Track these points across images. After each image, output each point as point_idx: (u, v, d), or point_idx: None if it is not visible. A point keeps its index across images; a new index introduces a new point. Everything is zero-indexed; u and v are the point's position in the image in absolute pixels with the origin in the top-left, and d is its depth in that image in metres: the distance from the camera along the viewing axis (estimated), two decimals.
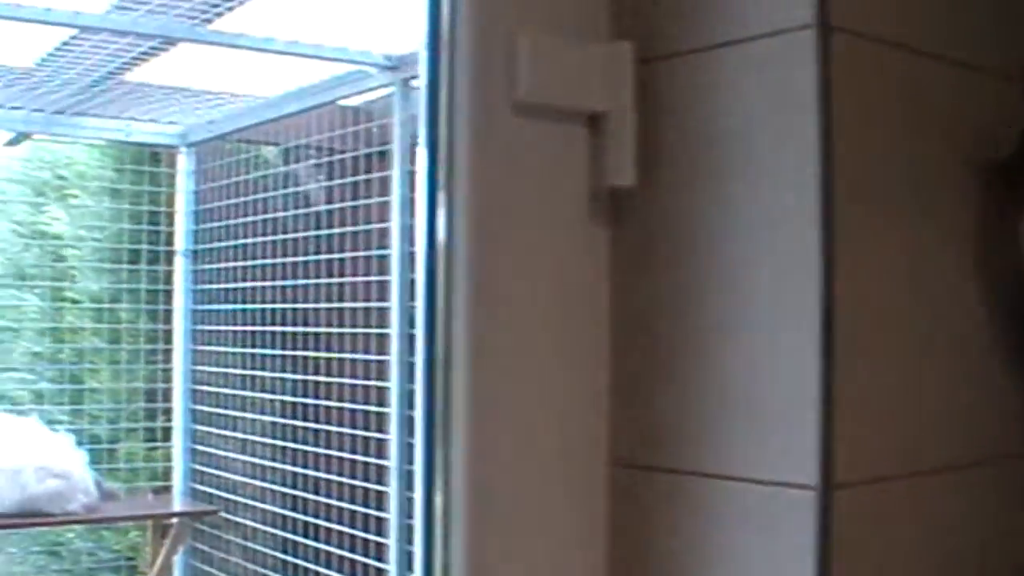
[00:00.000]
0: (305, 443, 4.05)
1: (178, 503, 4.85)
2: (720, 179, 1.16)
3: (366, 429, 3.70)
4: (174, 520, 4.65)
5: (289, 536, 4.13)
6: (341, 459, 3.84)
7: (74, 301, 6.09)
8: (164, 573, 4.71)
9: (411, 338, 3.50)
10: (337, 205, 3.94)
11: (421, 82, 1.29)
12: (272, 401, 4.28)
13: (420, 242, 1.34)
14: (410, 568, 3.50)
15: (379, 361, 3.67)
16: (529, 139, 1.23)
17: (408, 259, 3.51)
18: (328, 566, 3.90)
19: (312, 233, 4.07)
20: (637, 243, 1.24)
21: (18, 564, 7.27)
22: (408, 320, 3.51)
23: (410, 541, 3.50)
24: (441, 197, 1.24)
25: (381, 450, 3.63)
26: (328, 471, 3.91)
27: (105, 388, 5.19)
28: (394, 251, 3.53)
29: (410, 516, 3.50)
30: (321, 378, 3.97)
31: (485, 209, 1.22)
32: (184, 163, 4.89)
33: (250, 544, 4.43)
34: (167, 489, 4.96)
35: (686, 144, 1.20)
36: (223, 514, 4.60)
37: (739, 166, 1.15)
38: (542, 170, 1.24)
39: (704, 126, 1.18)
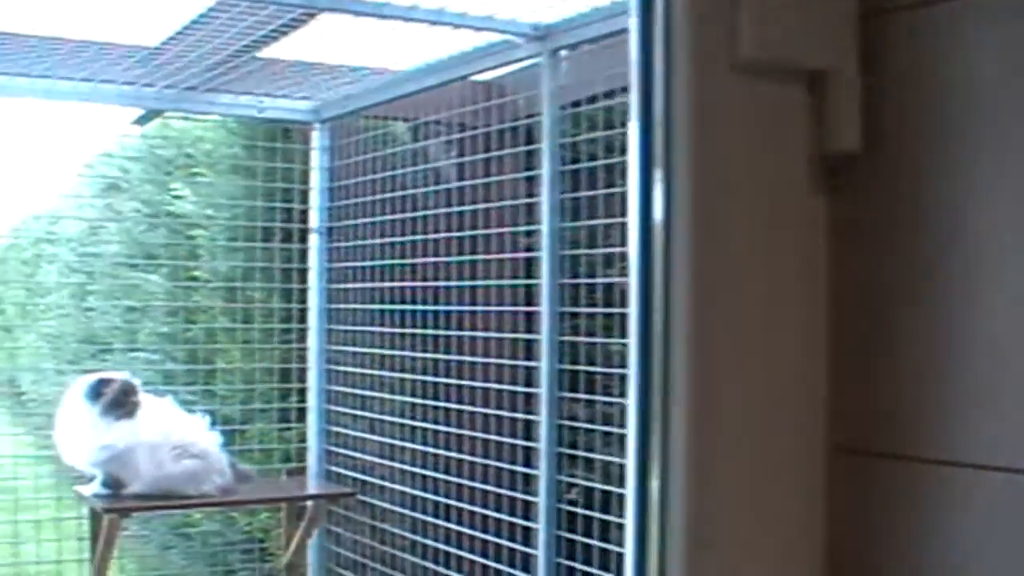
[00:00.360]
0: (444, 424, 4.04)
1: (313, 485, 4.89)
2: (956, 144, 1.11)
3: (512, 409, 3.68)
4: (309, 503, 4.70)
5: (428, 519, 4.14)
6: (486, 441, 3.82)
7: (205, 281, 6.17)
8: (299, 555, 4.76)
9: (562, 316, 3.48)
10: (481, 180, 3.92)
11: (632, 47, 1.25)
12: (408, 381, 4.28)
13: (633, 219, 1.31)
14: (559, 552, 3.48)
15: (527, 340, 3.65)
16: (750, 101, 1.19)
17: (558, 235, 3.48)
18: (471, 550, 3.90)
19: (454, 209, 4.06)
20: (859, 213, 1.20)
21: (144, 543, 7.42)
22: (558, 298, 3.48)
23: (559, 525, 3.48)
24: (657, 173, 1.21)
25: (528, 431, 3.60)
26: (470, 452, 3.90)
27: (237, 369, 5.26)
28: (544, 227, 3.50)
29: (559, 499, 3.49)
30: (462, 357, 3.96)
31: (705, 182, 1.19)
32: (317, 139, 4.92)
33: (385, 526, 4.45)
34: (301, 470, 5.01)
35: (917, 106, 1.15)
36: (358, 497, 4.62)
37: (978, 130, 1.10)
38: (763, 135, 1.21)
39: (938, 86, 1.13)
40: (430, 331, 4.15)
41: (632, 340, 1.54)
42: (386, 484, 4.46)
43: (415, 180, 4.30)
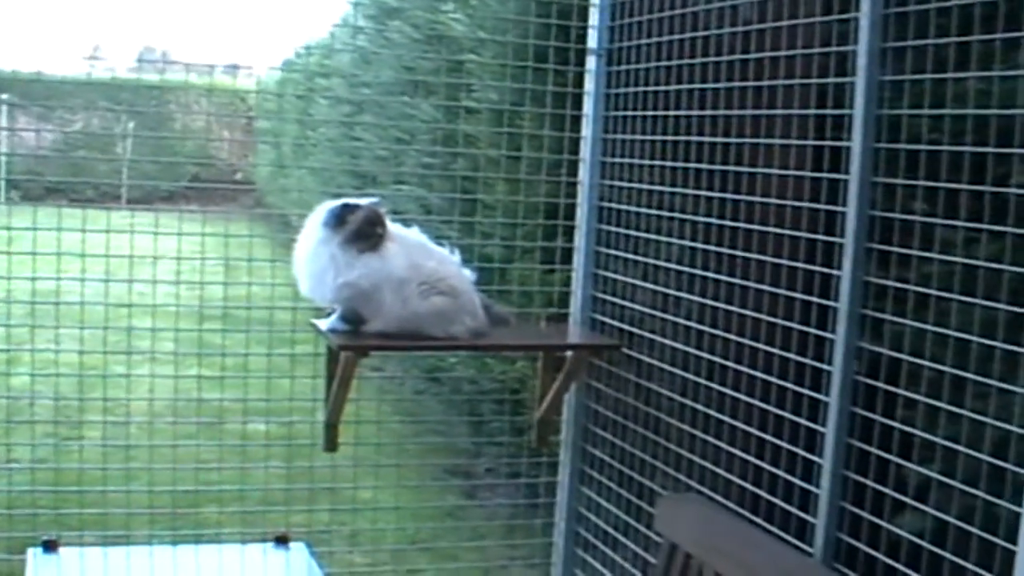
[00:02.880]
0: (727, 274, 3.64)
1: (574, 334, 4.59)
2: None
3: (809, 261, 3.24)
4: (568, 353, 4.40)
5: (700, 380, 3.77)
6: (773, 295, 3.39)
7: (468, 110, 5.92)
8: (553, 410, 4.49)
9: (876, 152, 3.00)
10: None
11: None
12: (688, 223, 3.88)
13: None
14: (851, 433, 3.06)
15: (831, 181, 3.18)
16: None
17: (878, 57, 2.99)
18: (747, 420, 3.51)
19: (750, 28, 3.58)
20: None
21: (399, 385, 7.39)
22: (873, 131, 3.00)
23: (855, 401, 3.06)
24: None
25: (826, 287, 3.16)
26: (754, 308, 3.49)
27: (500, 202, 4.96)
28: (862, 47, 3.00)
29: (857, 371, 3.05)
30: (751, 198, 3.52)
31: None
32: None
33: (651, 385, 4.11)
34: (563, 317, 4.71)
35: None
36: (624, 350, 4.29)
37: None
38: None
39: None
40: (717, 167, 3.71)
41: None
42: (655, 338, 4.10)
43: None
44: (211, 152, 20.47)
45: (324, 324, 4.05)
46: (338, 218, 3.95)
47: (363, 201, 4.03)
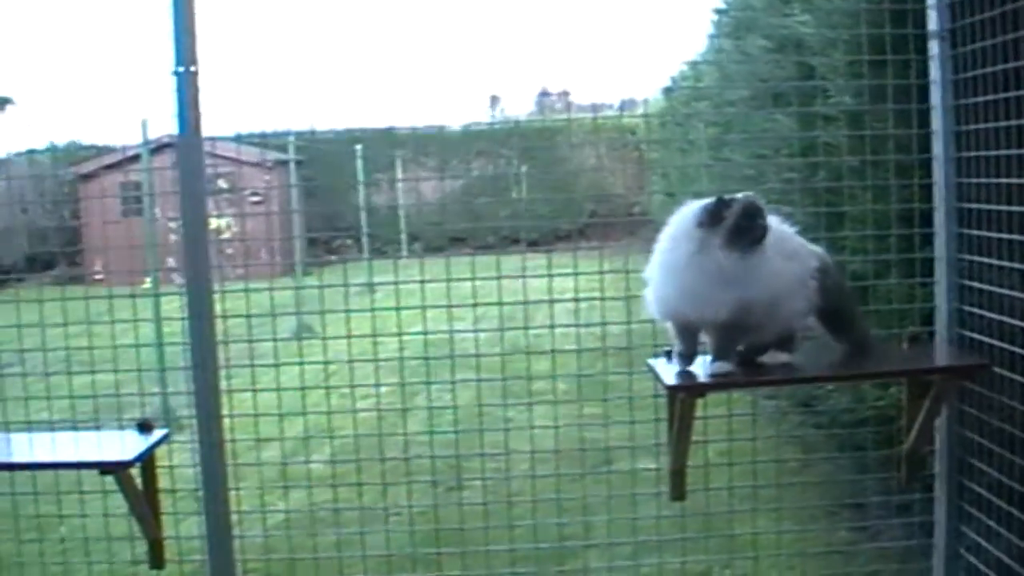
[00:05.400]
0: None
1: (940, 355, 4.05)
2: None
3: None
4: (935, 376, 3.87)
5: None
6: None
7: (826, 118, 5.48)
8: (923, 441, 3.97)
9: None
10: None
11: None
12: None
13: None
14: None
15: None
16: None
17: None
18: None
19: None
20: None
21: (780, 418, 6.94)
22: None
23: None
24: None
25: None
26: None
27: (849, 213, 4.49)
28: None
29: None
30: None
31: None
32: None
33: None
34: (930, 336, 4.18)
35: None
36: (997, 369, 3.74)
37: None
38: None
39: None
40: None
41: None
42: None
43: None
44: (606, 187, 20.55)
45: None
46: (713, 216, 3.44)
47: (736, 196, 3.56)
